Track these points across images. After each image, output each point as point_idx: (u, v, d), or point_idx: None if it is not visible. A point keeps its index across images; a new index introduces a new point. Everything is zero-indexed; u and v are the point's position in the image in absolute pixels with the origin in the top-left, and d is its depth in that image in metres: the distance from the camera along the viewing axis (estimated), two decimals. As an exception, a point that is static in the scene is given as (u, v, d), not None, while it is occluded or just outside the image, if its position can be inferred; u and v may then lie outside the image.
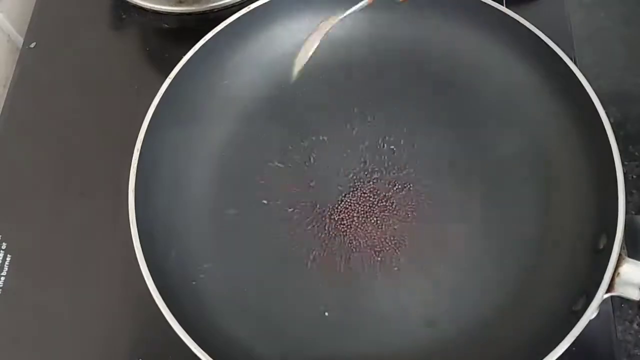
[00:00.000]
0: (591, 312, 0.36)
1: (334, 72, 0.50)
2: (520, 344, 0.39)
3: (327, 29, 0.46)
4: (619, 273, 0.37)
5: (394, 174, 0.46)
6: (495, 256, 0.43)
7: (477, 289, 0.42)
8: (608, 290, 0.36)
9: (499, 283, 0.42)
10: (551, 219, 0.43)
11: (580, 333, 0.36)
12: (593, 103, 0.42)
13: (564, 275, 0.41)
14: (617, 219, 0.38)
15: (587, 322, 0.36)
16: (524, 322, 0.40)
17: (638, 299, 0.37)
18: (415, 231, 0.44)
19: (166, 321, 0.37)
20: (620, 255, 0.37)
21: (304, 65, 0.47)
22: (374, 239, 0.44)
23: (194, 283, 0.42)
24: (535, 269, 0.42)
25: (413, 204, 0.45)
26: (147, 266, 0.38)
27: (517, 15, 0.46)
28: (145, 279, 0.38)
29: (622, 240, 0.37)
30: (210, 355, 0.36)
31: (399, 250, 0.44)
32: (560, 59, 0.44)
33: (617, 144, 0.40)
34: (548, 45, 0.44)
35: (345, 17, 0.46)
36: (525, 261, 0.43)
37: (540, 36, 0.45)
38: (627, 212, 0.38)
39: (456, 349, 0.41)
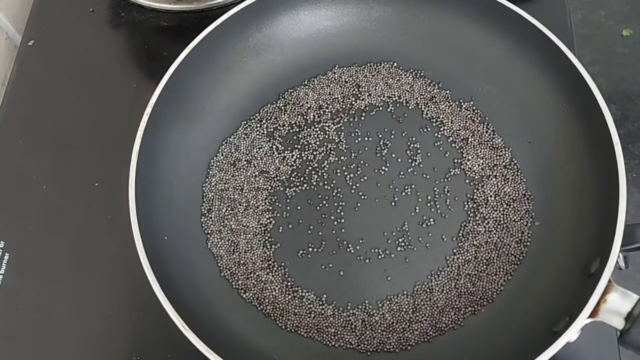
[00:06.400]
0: (571, 335, 0.34)
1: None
2: (494, 357, 0.39)
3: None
4: (605, 299, 0.35)
5: (393, 169, 0.46)
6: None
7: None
8: (591, 315, 0.35)
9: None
10: (549, 227, 0.43)
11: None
12: (596, 98, 0.41)
13: (551, 292, 0.40)
14: (612, 243, 0.36)
15: (564, 344, 0.34)
16: (502, 334, 0.40)
17: (621, 328, 0.34)
18: (404, 235, 0.44)
19: (165, 320, 0.36)
20: (609, 281, 0.35)
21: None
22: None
23: (194, 280, 0.42)
24: (524, 282, 0.42)
25: (412, 203, 0.45)
26: (149, 265, 0.38)
27: (522, 10, 0.45)
28: (148, 276, 0.38)
29: (614, 268, 0.35)
30: (214, 350, 0.35)
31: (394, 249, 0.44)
32: (565, 55, 0.43)
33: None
34: (552, 41, 0.44)
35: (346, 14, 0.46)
36: (516, 271, 0.42)
37: (545, 32, 0.44)
38: (626, 212, 0.37)
39: (435, 356, 0.40)
